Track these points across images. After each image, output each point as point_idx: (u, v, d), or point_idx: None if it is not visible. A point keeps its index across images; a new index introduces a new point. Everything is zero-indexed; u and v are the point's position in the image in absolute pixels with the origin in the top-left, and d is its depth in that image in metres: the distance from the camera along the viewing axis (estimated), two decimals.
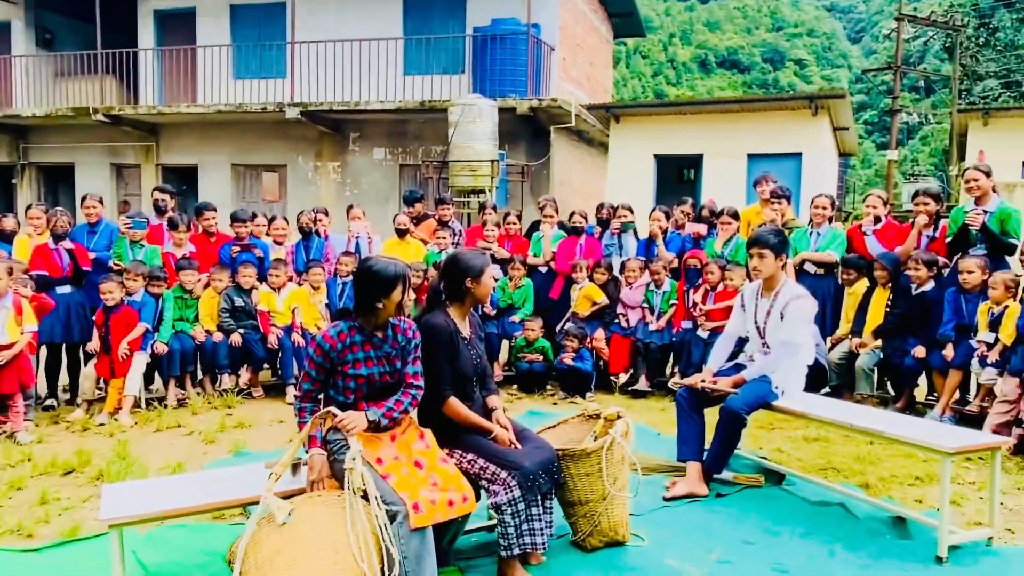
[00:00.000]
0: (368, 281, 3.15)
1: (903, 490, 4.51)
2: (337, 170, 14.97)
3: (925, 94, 42.85)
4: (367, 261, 3.24)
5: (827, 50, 61.33)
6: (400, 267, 3.18)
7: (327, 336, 3.14)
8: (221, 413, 6.21)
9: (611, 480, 3.53)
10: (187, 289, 6.73)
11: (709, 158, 13.29)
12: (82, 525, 3.93)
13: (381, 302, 3.14)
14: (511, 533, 3.22)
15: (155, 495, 3.19)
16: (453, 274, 3.50)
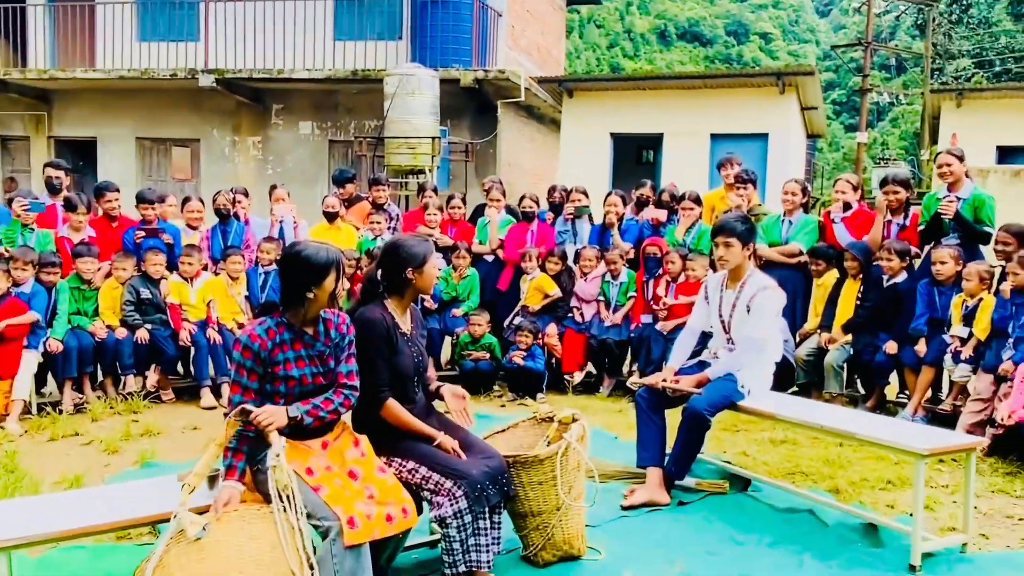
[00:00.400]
0: (296, 269, 3.07)
1: (874, 494, 4.65)
2: (257, 146, 14.72)
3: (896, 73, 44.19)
4: (295, 246, 3.16)
5: (794, 24, 62.71)
6: (333, 252, 3.12)
7: (254, 335, 3.04)
8: (125, 419, 6.05)
9: (566, 489, 3.55)
10: (85, 279, 6.52)
11: (670, 138, 13.47)
12: None
13: (312, 292, 3.07)
14: (456, 549, 3.21)
15: (49, 513, 3.10)
16: (392, 263, 3.46)
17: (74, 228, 6.91)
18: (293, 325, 3.12)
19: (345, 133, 14.21)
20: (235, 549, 2.73)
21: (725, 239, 4.43)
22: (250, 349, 3.02)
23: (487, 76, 12.68)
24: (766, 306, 4.41)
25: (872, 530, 4.07)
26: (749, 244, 4.48)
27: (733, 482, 4.72)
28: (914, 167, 25.66)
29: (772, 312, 4.49)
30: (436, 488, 3.24)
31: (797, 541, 3.97)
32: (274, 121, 14.58)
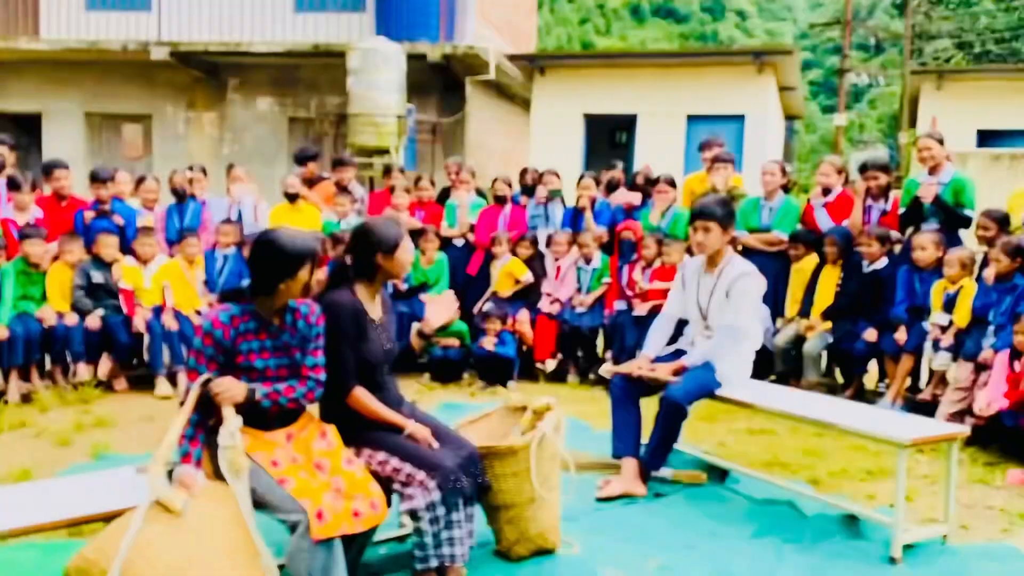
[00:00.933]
0: (269, 258, 3.02)
1: (854, 485, 4.73)
2: (213, 123, 14.51)
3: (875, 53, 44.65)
4: (269, 234, 3.10)
5: (770, 1, 63.04)
6: (309, 243, 3.09)
7: (217, 321, 2.99)
8: (76, 410, 5.99)
9: (540, 480, 3.56)
10: (32, 262, 6.40)
11: (644, 119, 13.50)
12: None
13: (284, 283, 3.03)
14: (428, 544, 3.21)
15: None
16: (363, 247, 3.43)
17: (19, 208, 6.76)
18: (260, 315, 3.08)
19: (306, 110, 14.04)
20: (205, 526, 2.73)
21: (704, 223, 4.45)
22: (212, 336, 2.97)
23: (455, 52, 12.60)
24: (746, 293, 4.45)
25: (852, 521, 4.14)
26: (729, 229, 4.51)
27: (711, 473, 4.77)
28: (892, 150, 25.99)
29: (752, 299, 4.52)
30: (407, 480, 3.23)
31: (776, 533, 4.02)
32: (231, 97, 14.36)
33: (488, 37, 14.74)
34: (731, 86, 13.04)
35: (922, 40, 31.12)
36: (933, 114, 14.92)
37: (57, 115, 14.83)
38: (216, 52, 13.41)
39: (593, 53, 17.49)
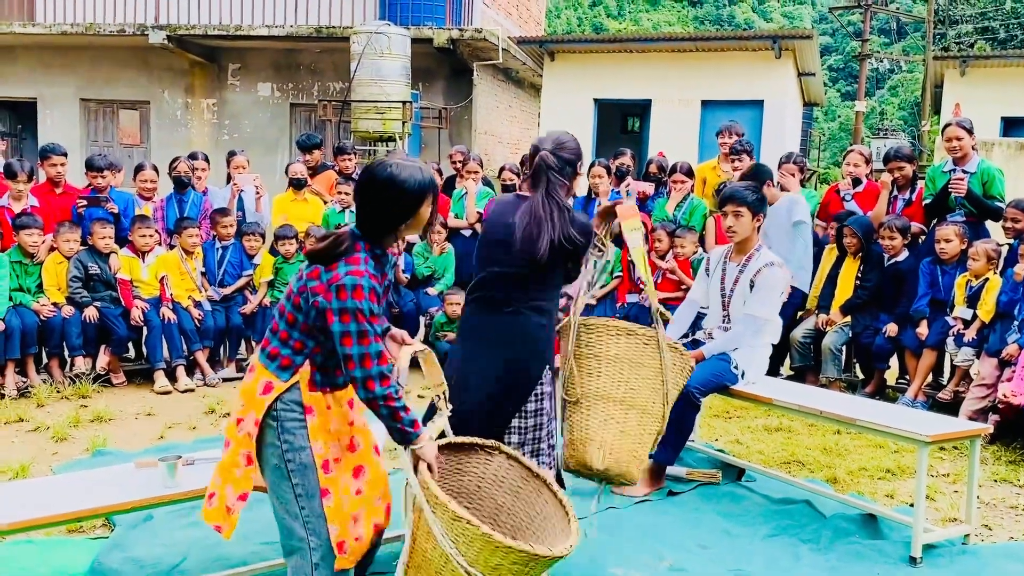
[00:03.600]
0: (390, 198, 2.63)
1: (873, 484, 4.73)
2: (212, 109, 14.55)
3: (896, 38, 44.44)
4: (388, 169, 2.64)
5: None
6: (428, 173, 2.71)
7: (372, 274, 2.57)
8: (74, 404, 6.02)
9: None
10: (28, 252, 6.43)
11: (658, 105, 13.47)
12: None
13: (406, 224, 2.69)
14: None
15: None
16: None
17: (14, 197, 6.78)
18: (379, 259, 2.71)
19: (308, 96, 14.06)
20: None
21: (735, 208, 4.45)
22: (375, 291, 2.57)
23: (462, 36, 12.59)
24: (771, 284, 4.43)
25: (871, 521, 4.14)
26: (759, 215, 4.50)
27: (726, 472, 4.78)
28: (914, 139, 25.90)
29: (776, 291, 4.50)
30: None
31: (793, 533, 4.03)
32: (230, 82, 14.39)
33: (496, 20, 14.72)
34: (748, 71, 12.99)
35: (945, 25, 30.95)
36: (956, 101, 14.85)
37: (52, 101, 14.89)
38: (215, 36, 13.42)
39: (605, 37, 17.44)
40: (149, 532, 3.90)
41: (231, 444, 2.78)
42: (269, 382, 2.70)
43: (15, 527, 3.00)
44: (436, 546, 2.56)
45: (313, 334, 2.66)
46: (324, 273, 2.58)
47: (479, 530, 2.47)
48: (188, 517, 4.06)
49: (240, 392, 2.80)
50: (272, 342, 2.74)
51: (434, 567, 2.62)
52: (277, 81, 14.27)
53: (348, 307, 2.52)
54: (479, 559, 2.51)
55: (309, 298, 2.61)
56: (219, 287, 7.07)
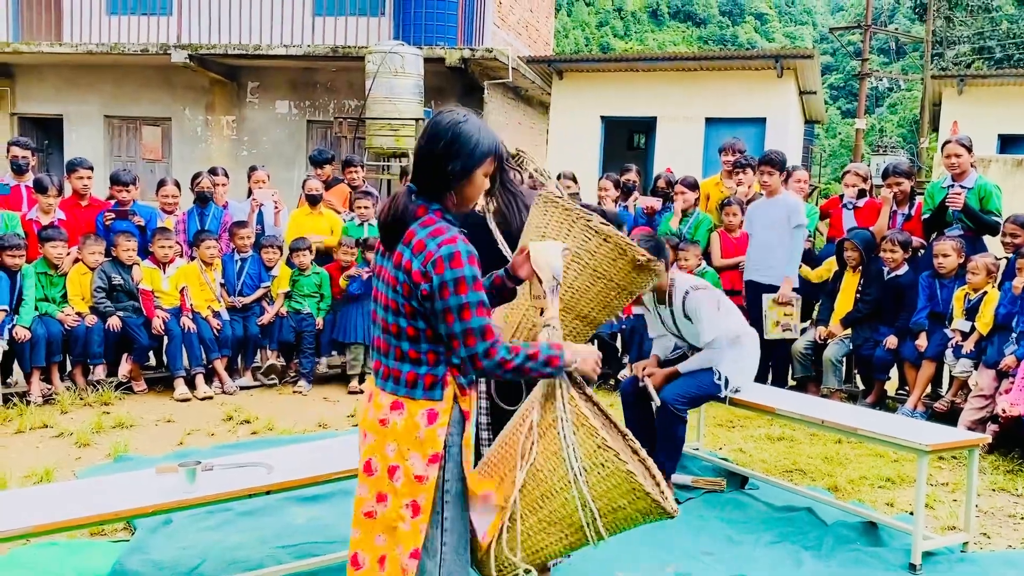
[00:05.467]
0: (448, 149, 2.30)
1: (873, 492, 4.71)
2: (232, 125, 14.59)
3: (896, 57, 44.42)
4: (449, 114, 2.37)
5: (790, 4, 62.86)
6: (494, 139, 2.41)
7: (472, 258, 2.25)
8: (96, 411, 6.03)
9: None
10: (53, 264, 6.46)
11: (663, 122, 13.47)
12: None
13: (461, 187, 2.35)
14: None
15: (20, 508, 3.08)
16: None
17: (44, 211, 6.83)
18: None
19: (324, 113, 14.11)
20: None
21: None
22: (474, 255, 2.27)
23: (474, 55, 12.62)
24: (702, 307, 4.35)
25: (872, 528, 4.12)
26: (667, 265, 4.40)
27: (730, 480, 4.76)
28: (913, 155, 25.83)
29: (711, 309, 4.38)
30: None
31: (796, 540, 4.02)
32: (249, 100, 14.45)
33: (506, 41, 14.77)
34: (751, 90, 12.99)
35: (943, 45, 30.91)
36: (954, 119, 14.80)
37: (77, 118, 14.97)
38: (235, 55, 13.49)
39: (611, 56, 17.47)
40: (169, 536, 3.91)
41: (388, 498, 2.33)
42: (431, 410, 2.31)
43: (39, 530, 3.00)
44: (557, 469, 2.32)
45: (440, 335, 2.30)
46: (414, 258, 2.24)
47: (625, 466, 2.26)
48: (206, 521, 4.07)
49: (386, 437, 2.34)
50: (402, 369, 2.33)
51: (544, 490, 2.36)
52: (294, 99, 14.32)
53: (447, 279, 2.19)
54: (604, 496, 2.32)
55: (417, 295, 2.25)
56: (238, 297, 7.09)
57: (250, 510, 4.17)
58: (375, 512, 2.36)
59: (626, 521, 2.39)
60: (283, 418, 6.00)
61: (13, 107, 15.17)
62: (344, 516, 4.16)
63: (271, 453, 3.65)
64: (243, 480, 3.30)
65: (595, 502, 2.31)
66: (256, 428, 5.78)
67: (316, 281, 7.19)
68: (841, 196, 7.08)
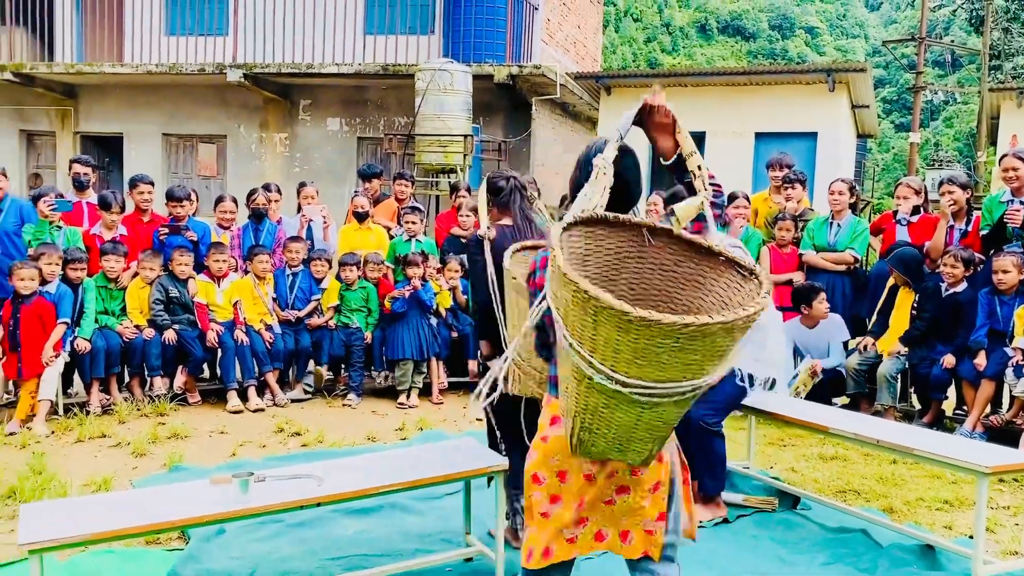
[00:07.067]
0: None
1: (931, 515, 4.58)
2: (285, 142, 14.85)
3: (951, 70, 43.55)
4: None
5: (842, 18, 62.03)
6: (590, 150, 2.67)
7: None
8: (153, 421, 6.15)
9: None
10: (111, 277, 6.62)
11: (712, 137, 13.37)
12: None
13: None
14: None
15: (78, 516, 3.13)
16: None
17: (107, 226, 7.00)
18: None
19: (374, 130, 14.27)
20: None
21: None
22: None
23: (522, 72, 12.68)
24: None
25: (929, 552, 4.00)
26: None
27: (782, 499, 4.67)
28: (970, 169, 25.25)
29: None
30: None
31: (850, 562, 3.92)
32: (302, 117, 14.69)
33: (554, 57, 14.82)
34: (801, 104, 12.84)
35: (1000, 57, 30.21)
36: (1013, 132, 14.46)
37: (137, 136, 15.36)
38: (288, 74, 13.73)
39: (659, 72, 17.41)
40: (221, 545, 3.96)
41: (631, 489, 2.49)
42: None
43: (97, 537, 3.06)
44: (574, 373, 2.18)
45: None
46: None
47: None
48: (258, 532, 4.12)
49: None
50: None
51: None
52: (345, 116, 14.52)
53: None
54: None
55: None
56: (289, 311, 7.18)
57: (300, 522, 4.21)
58: (614, 500, 2.51)
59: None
60: (333, 431, 6.05)
61: (76, 126, 15.62)
62: (392, 528, 4.19)
63: (321, 465, 3.68)
64: (294, 492, 3.33)
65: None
66: (307, 440, 5.83)
67: (363, 296, 7.25)
68: (894, 212, 6.94)
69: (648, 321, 1.94)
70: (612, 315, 1.97)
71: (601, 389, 2.07)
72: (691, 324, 1.94)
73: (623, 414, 2.13)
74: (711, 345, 2.01)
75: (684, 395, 2.07)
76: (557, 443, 2.48)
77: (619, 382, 2.03)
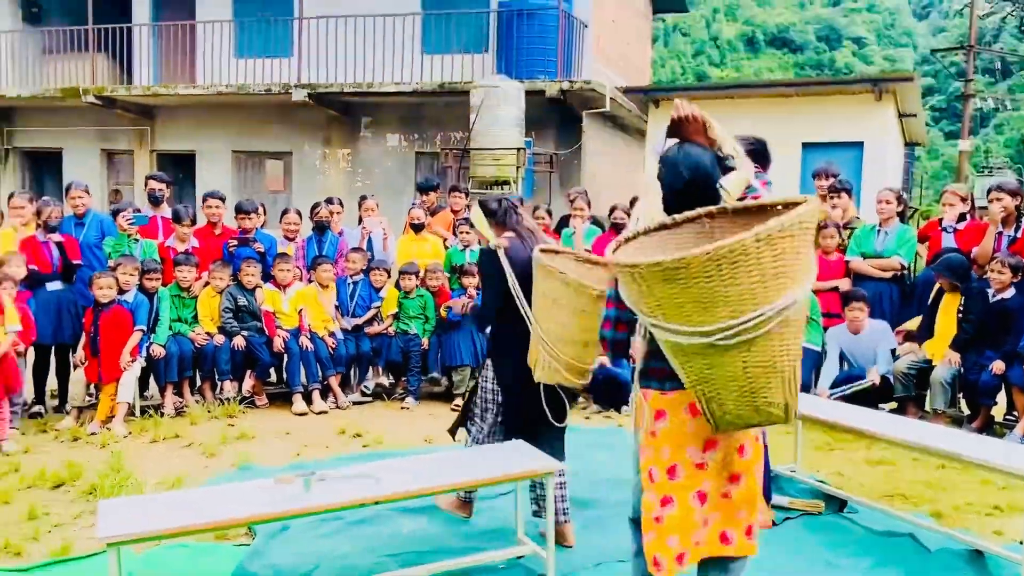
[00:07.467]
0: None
1: (980, 520, 4.44)
2: (347, 158, 15.04)
3: (1001, 77, 42.24)
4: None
5: (889, 27, 60.66)
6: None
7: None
8: (222, 423, 6.26)
9: None
10: (184, 287, 6.79)
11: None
12: (73, 543, 3.97)
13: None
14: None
15: (155, 512, 3.22)
16: None
17: (180, 239, 7.21)
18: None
19: (432, 145, 14.38)
20: None
21: None
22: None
23: (572, 87, 12.68)
24: None
25: (978, 557, 3.88)
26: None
27: (828, 503, 4.57)
28: (1020, 176, 24.47)
29: None
30: None
31: (897, 566, 3.82)
32: (363, 134, 14.88)
33: (604, 72, 14.78)
34: (848, 114, 12.58)
35: None
36: None
37: (208, 153, 15.72)
38: (350, 93, 13.93)
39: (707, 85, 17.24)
40: (285, 542, 4.02)
41: (742, 476, 2.60)
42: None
43: (170, 533, 3.14)
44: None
45: None
46: None
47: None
48: (320, 529, 4.17)
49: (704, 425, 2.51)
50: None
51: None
52: (404, 132, 14.66)
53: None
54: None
55: None
56: (350, 318, 7.28)
57: (360, 519, 4.26)
58: (731, 494, 2.58)
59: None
60: (391, 432, 6.11)
61: (152, 145, 16.06)
62: (446, 527, 4.21)
63: (380, 466, 3.72)
64: (354, 491, 3.37)
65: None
66: (367, 442, 5.90)
67: (420, 304, 7.31)
68: (940, 219, 6.75)
69: (678, 262, 2.02)
70: (652, 270, 2.07)
71: (693, 350, 2.14)
72: (721, 247, 1.99)
73: (726, 366, 2.16)
74: (758, 265, 2.02)
75: (765, 325, 2.07)
76: (665, 436, 2.52)
77: (699, 333, 2.09)
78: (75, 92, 14.95)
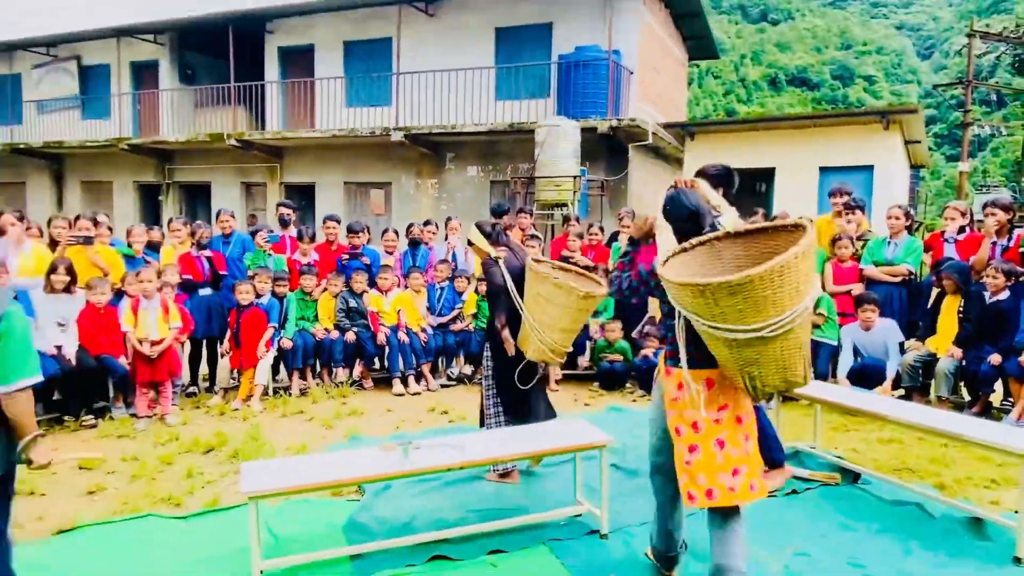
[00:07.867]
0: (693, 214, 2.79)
1: (979, 492, 4.25)
2: (435, 186, 15.22)
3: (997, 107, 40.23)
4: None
5: (896, 67, 58.39)
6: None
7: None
8: (337, 402, 6.38)
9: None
10: (307, 292, 6.98)
11: (781, 171, 12.85)
12: (221, 497, 4.13)
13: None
14: None
15: (285, 473, 3.32)
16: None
17: (303, 254, 7.42)
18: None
19: (503, 174, 14.45)
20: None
21: None
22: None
23: (620, 124, 12.59)
24: None
25: (977, 524, 3.72)
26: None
27: (844, 475, 4.44)
28: (1015, 192, 23.24)
29: None
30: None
31: (904, 530, 3.69)
32: (448, 166, 15.03)
33: (646, 110, 14.62)
34: (860, 141, 12.16)
35: None
36: None
37: (325, 184, 16.09)
38: (437, 133, 14.10)
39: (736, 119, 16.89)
40: (388, 498, 4.09)
41: (750, 437, 2.70)
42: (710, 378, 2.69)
43: (296, 490, 3.25)
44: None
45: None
46: None
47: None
48: (416, 488, 4.22)
49: (717, 394, 2.68)
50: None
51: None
52: (481, 164, 14.75)
53: None
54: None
55: None
56: (438, 317, 7.38)
57: (449, 481, 4.30)
58: (749, 449, 2.69)
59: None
60: (473, 411, 6.14)
61: (281, 178, 16.52)
62: (520, 489, 4.22)
63: (464, 438, 3.77)
64: (443, 457, 3.42)
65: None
66: (452, 418, 5.95)
67: None
68: (942, 232, 6.48)
69: (744, 279, 2.27)
70: (721, 287, 2.30)
71: (747, 343, 2.37)
72: (774, 265, 2.27)
73: (770, 351, 2.40)
74: (795, 274, 2.29)
75: (794, 320, 2.32)
76: (684, 403, 2.68)
77: (753, 330, 2.34)
78: (220, 137, 15.51)
